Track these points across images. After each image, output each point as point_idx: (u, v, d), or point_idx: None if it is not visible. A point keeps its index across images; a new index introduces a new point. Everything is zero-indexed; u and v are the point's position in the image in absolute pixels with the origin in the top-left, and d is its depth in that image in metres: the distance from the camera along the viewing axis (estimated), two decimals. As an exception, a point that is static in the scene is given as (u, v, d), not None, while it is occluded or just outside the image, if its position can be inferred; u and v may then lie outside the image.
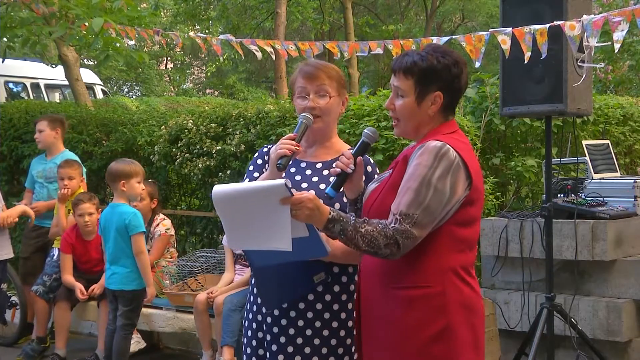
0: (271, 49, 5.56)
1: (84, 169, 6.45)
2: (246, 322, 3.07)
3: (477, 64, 4.55)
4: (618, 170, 5.80)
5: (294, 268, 2.78)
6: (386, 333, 2.59)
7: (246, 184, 2.60)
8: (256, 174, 3.01)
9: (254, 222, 2.50)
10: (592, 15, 4.11)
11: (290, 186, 2.46)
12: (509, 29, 4.37)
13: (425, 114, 2.62)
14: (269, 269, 2.82)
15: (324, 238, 2.62)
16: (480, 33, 4.62)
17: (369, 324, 2.68)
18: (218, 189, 2.52)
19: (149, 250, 5.98)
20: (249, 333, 3.03)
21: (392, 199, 2.54)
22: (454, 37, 4.89)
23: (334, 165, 2.72)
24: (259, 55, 5.58)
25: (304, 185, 2.95)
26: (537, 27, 4.22)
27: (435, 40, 4.82)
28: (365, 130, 2.79)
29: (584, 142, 5.65)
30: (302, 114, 2.92)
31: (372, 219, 2.52)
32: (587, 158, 5.47)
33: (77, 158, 6.57)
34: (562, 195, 5.23)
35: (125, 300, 5.33)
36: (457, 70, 2.61)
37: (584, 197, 5.24)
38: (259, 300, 2.99)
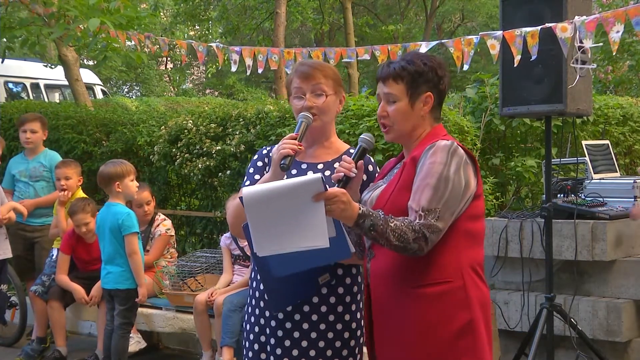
0: (250, 62, 5.53)
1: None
2: (247, 325, 3.04)
3: (466, 67, 4.56)
4: (618, 170, 5.80)
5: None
6: (408, 331, 2.60)
7: (278, 182, 2.49)
8: (257, 176, 2.98)
9: (287, 222, 2.42)
10: (585, 17, 4.11)
11: (325, 180, 2.42)
12: (499, 33, 4.39)
13: (418, 116, 2.72)
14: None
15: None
16: (469, 37, 4.63)
17: (384, 325, 2.69)
18: (249, 190, 2.44)
19: (148, 251, 6.00)
20: (251, 337, 3.01)
21: (404, 199, 2.59)
22: (443, 41, 4.89)
23: (335, 170, 2.70)
24: (234, 67, 5.59)
25: None
26: (529, 29, 4.23)
27: (424, 44, 4.83)
28: (362, 136, 2.79)
29: (583, 143, 5.64)
30: (302, 113, 2.90)
31: (396, 216, 2.53)
32: (587, 158, 5.47)
33: (59, 157, 6.64)
34: (561, 195, 5.23)
35: (121, 300, 5.34)
36: (442, 72, 2.74)
37: (583, 197, 5.24)
38: (261, 304, 2.97)
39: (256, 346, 2.99)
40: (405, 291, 2.61)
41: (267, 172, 2.92)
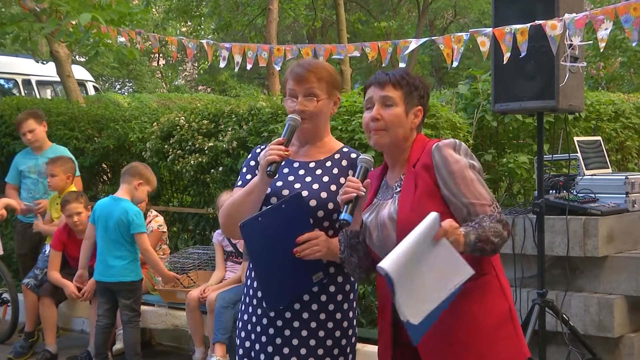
0: (240, 59, 5.51)
1: (76, 165, 6.44)
2: (240, 322, 3.04)
3: (455, 64, 4.57)
4: (609, 166, 5.81)
5: (294, 267, 2.76)
6: (450, 325, 2.55)
7: (406, 241, 2.37)
8: (249, 176, 2.97)
9: (429, 271, 2.36)
10: (574, 14, 4.11)
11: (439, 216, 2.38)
12: (489, 30, 4.39)
13: (409, 126, 2.73)
14: (270, 268, 2.79)
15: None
16: (459, 34, 4.64)
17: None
18: (389, 265, 2.29)
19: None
20: (242, 334, 3.01)
21: (430, 205, 2.54)
22: (433, 38, 4.89)
23: (341, 192, 2.65)
24: (222, 64, 5.57)
25: (297, 185, 2.91)
26: (519, 26, 4.23)
27: (414, 41, 4.82)
28: (361, 157, 2.74)
29: (575, 139, 5.65)
30: (290, 116, 2.89)
31: (474, 220, 2.52)
32: (579, 154, 5.47)
33: (68, 152, 6.61)
34: (553, 191, 5.24)
35: (126, 293, 5.31)
36: (428, 93, 2.80)
37: (575, 193, 5.24)
38: (254, 301, 2.96)
39: (247, 343, 2.98)
40: None
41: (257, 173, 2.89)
